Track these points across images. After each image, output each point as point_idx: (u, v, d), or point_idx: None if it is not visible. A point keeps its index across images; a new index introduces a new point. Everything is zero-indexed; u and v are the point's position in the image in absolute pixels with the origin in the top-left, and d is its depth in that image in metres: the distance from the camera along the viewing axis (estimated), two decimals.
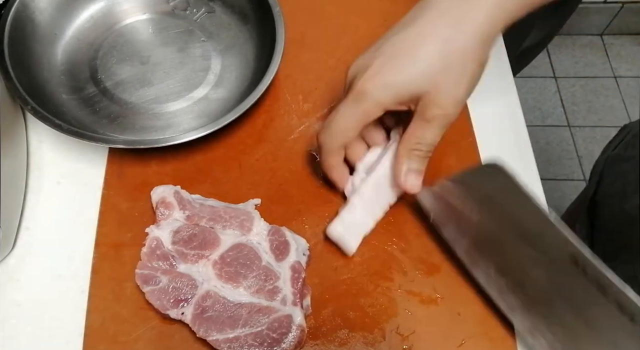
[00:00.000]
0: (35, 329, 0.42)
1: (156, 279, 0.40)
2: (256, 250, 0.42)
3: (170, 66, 0.53)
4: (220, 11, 0.56)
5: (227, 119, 0.45)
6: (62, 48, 0.52)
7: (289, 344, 0.38)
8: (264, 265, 0.41)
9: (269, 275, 0.41)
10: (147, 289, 0.40)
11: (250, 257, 0.42)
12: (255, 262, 0.41)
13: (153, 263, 0.41)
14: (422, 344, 0.41)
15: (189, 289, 0.40)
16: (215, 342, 0.38)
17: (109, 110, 0.50)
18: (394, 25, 0.42)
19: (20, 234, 0.46)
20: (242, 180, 0.48)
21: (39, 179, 0.48)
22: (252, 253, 0.42)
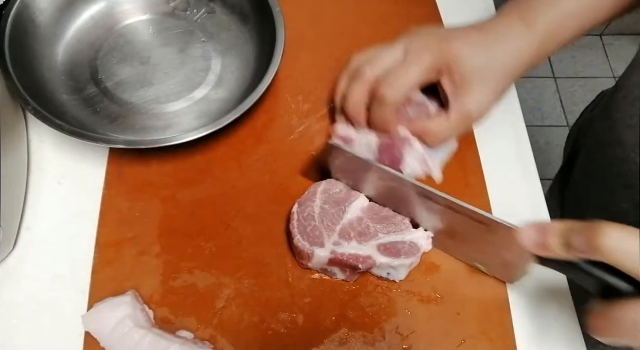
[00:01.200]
0: (35, 328, 0.42)
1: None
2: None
3: (170, 66, 0.53)
4: (220, 12, 0.56)
5: (227, 119, 0.45)
6: (62, 48, 0.52)
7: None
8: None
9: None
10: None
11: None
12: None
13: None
14: (422, 344, 0.41)
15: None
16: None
17: (109, 111, 0.50)
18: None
19: (21, 233, 0.46)
20: (242, 180, 0.48)
21: (40, 179, 0.48)
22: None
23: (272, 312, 0.42)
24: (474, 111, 0.43)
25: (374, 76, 0.43)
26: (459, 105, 0.43)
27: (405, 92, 0.43)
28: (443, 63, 0.42)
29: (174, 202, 0.47)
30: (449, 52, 0.42)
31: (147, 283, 0.43)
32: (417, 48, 0.43)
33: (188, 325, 0.42)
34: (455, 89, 0.43)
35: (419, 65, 0.42)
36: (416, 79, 0.43)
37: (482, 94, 0.43)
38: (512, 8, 0.45)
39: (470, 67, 0.42)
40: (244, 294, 0.43)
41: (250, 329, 0.42)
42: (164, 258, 0.44)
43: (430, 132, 0.44)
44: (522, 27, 0.43)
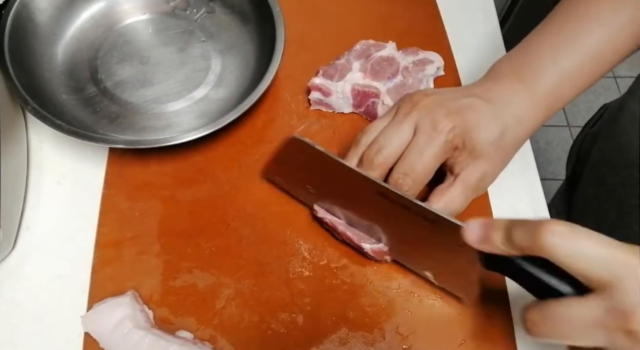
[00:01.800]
0: (35, 328, 0.42)
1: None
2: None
3: (170, 66, 0.53)
4: (220, 11, 0.56)
5: (227, 119, 0.45)
6: (62, 48, 0.52)
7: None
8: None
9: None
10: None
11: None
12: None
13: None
14: (422, 344, 0.41)
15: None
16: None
17: (109, 110, 0.50)
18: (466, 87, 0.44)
19: (21, 233, 0.46)
20: (242, 180, 0.48)
21: (39, 178, 0.48)
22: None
23: (272, 312, 0.42)
24: (480, 185, 0.42)
25: (386, 164, 0.41)
26: (465, 180, 0.41)
27: (425, 178, 0.41)
28: (458, 140, 0.40)
29: (173, 202, 0.47)
30: (463, 127, 0.40)
31: (147, 283, 0.43)
32: (427, 129, 0.40)
33: (188, 325, 0.42)
34: (461, 163, 0.41)
35: (434, 148, 0.40)
36: (433, 164, 0.40)
37: (490, 167, 0.41)
38: (512, 72, 0.43)
39: (485, 141, 0.40)
40: (244, 293, 0.43)
41: (250, 329, 0.42)
42: (163, 258, 0.44)
43: (441, 205, 0.41)
44: (524, 95, 0.42)
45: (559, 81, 0.42)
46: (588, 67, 0.42)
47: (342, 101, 0.51)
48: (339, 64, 0.51)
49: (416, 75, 0.51)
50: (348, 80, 0.50)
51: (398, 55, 0.51)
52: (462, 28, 0.58)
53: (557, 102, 0.43)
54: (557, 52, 0.42)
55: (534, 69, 0.42)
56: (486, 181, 0.42)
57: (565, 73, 0.42)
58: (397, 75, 0.51)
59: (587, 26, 0.42)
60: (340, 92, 0.50)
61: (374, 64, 0.50)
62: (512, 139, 0.42)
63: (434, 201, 0.41)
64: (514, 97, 0.42)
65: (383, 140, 0.41)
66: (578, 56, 0.42)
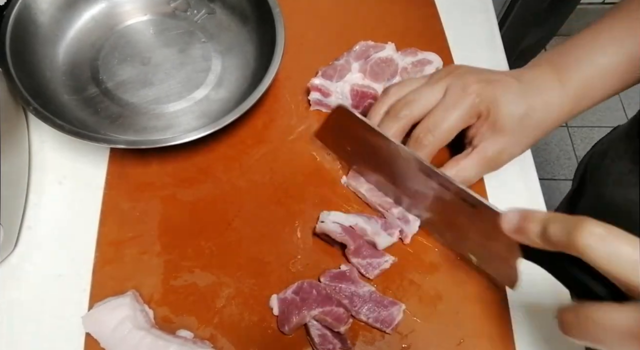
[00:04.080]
0: (36, 328, 0.42)
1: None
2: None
3: (171, 67, 0.53)
4: (220, 12, 0.56)
5: (227, 119, 0.45)
6: (63, 49, 0.52)
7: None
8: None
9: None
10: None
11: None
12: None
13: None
14: (421, 343, 0.42)
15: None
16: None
17: (110, 111, 0.50)
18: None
19: (22, 233, 0.46)
20: (243, 180, 0.48)
21: (41, 179, 0.48)
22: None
23: (272, 311, 0.42)
24: (497, 159, 0.43)
25: (412, 116, 0.42)
26: (483, 151, 0.42)
27: (446, 138, 0.42)
28: (483, 108, 0.42)
29: (174, 202, 0.47)
30: (490, 97, 0.41)
31: (147, 282, 0.43)
32: (457, 90, 0.42)
33: (188, 324, 0.42)
34: (483, 134, 0.42)
35: (460, 109, 0.41)
36: (457, 124, 0.42)
37: (510, 143, 0.42)
38: (548, 61, 0.45)
39: (508, 114, 0.41)
40: (244, 293, 0.43)
41: (251, 328, 0.42)
42: (164, 257, 0.45)
43: (457, 176, 0.43)
44: (556, 83, 0.43)
45: (591, 77, 0.43)
46: (622, 69, 0.43)
47: (341, 101, 0.51)
48: (338, 64, 0.51)
49: (415, 75, 0.51)
50: (347, 81, 0.50)
51: (397, 56, 0.52)
52: (460, 28, 0.58)
53: (586, 98, 0.43)
54: (595, 51, 0.43)
55: (569, 62, 0.43)
56: (503, 157, 0.43)
57: (598, 70, 0.43)
58: (396, 76, 0.51)
59: (628, 30, 0.43)
60: (339, 92, 0.50)
61: (373, 65, 0.51)
62: (536, 122, 0.42)
63: (447, 168, 0.43)
64: (545, 83, 0.43)
65: (413, 96, 0.43)
66: (614, 56, 0.43)
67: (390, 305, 0.42)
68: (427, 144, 0.42)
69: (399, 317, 0.41)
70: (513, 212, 0.34)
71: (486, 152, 0.42)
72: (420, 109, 0.42)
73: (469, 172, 0.43)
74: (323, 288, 0.42)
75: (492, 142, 0.42)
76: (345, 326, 0.41)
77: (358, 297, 0.42)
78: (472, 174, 0.43)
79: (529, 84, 0.43)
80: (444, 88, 0.42)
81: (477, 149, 0.43)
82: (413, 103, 0.42)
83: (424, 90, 0.43)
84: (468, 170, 0.43)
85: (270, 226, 0.46)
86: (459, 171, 0.43)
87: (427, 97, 0.42)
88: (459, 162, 0.43)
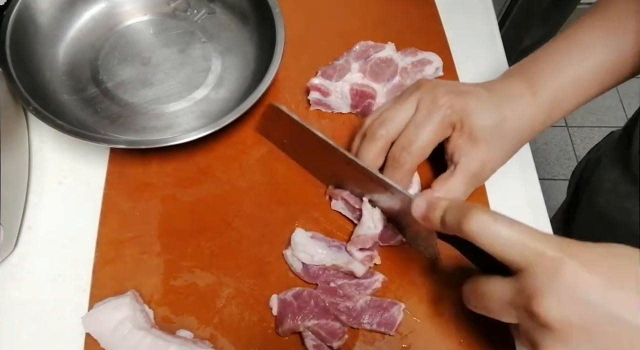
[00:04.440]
0: (36, 328, 0.42)
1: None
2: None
3: (171, 67, 0.53)
4: (220, 12, 0.56)
5: (227, 119, 0.45)
6: (63, 49, 0.52)
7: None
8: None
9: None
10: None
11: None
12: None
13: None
14: (421, 343, 0.42)
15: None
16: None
17: (110, 111, 0.50)
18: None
19: (22, 233, 0.46)
20: (242, 180, 0.48)
21: (41, 179, 0.48)
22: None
23: (272, 311, 0.42)
24: (480, 173, 0.43)
25: (388, 136, 0.43)
26: (466, 167, 0.42)
27: (422, 154, 0.42)
28: (455, 120, 0.42)
29: (174, 202, 0.47)
30: (462, 108, 0.41)
31: (147, 282, 0.43)
32: (427, 104, 0.42)
33: (188, 324, 0.42)
34: (462, 149, 0.42)
35: (433, 123, 0.41)
36: (431, 139, 0.42)
37: (490, 154, 0.42)
38: (519, 71, 0.44)
39: (482, 125, 0.41)
40: (244, 293, 0.43)
41: (251, 328, 0.42)
42: (164, 257, 0.45)
43: (442, 193, 0.42)
44: (528, 93, 0.43)
45: (563, 86, 0.43)
46: (593, 77, 0.43)
47: (340, 101, 0.51)
48: (338, 64, 0.51)
49: (415, 75, 0.51)
50: (347, 81, 0.50)
51: (397, 56, 0.52)
52: (460, 28, 0.58)
53: (559, 108, 0.44)
54: (565, 60, 0.43)
55: (541, 71, 0.43)
56: (486, 170, 0.43)
57: (570, 79, 0.43)
58: (396, 76, 0.51)
59: (598, 40, 0.43)
60: (339, 92, 0.50)
61: (373, 65, 0.51)
62: (512, 131, 0.42)
63: (436, 189, 0.42)
64: (516, 92, 0.43)
65: (386, 114, 0.43)
66: (585, 65, 0.43)
67: (390, 306, 0.42)
68: (403, 163, 0.42)
69: (400, 317, 0.41)
70: (421, 200, 0.36)
71: (469, 167, 0.42)
72: (395, 127, 0.42)
73: (457, 191, 0.42)
74: (322, 300, 0.41)
75: (472, 157, 0.42)
76: (339, 342, 0.40)
77: (355, 311, 0.42)
78: (461, 192, 0.43)
79: (500, 94, 0.43)
80: (415, 103, 0.42)
81: (459, 165, 0.42)
82: (387, 122, 0.43)
83: (396, 107, 0.43)
84: (456, 189, 0.42)
85: (270, 226, 0.46)
86: (447, 192, 0.42)
87: (399, 115, 0.42)
88: (447, 181, 0.42)
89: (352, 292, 0.42)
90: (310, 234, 0.44)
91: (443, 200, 0.35)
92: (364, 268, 0.42)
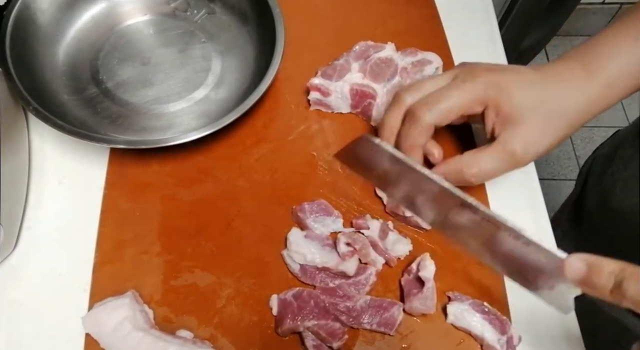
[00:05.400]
0: (36, 327, 0.42)
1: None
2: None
3: (171, 67, 0.53)
4: (220, 12, 0.56)
5: (227, 119, 0.45)
6: (63, 49, 0.52)
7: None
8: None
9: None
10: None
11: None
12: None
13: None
14: (421, 343, 0.42)
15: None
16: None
17: (110, 111, 0.50)
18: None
19: (22, 233, 0.46)
20: (242, 180, 0.48)
21: (41, 179, 0.48)
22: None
23: (272, 311, 0.42)
24: (519, 152, 0.39)
25: (412, 100, 0.41)
26: (503, 142, 0.39)
27: (442, 115, 0.40)
28: (490, 95, 0.39)
29: (174, 202, 0.47)
30: (498, 84, 0.39)
31: (148, 282, 0.43)
32: (463, 76, 0.40)
33: (188, 324, 0.42)
34: (502, 125, 0.40)
35: (463, 91, 0.40)
36: (456, 104, 0.40)
37: (532, 134, 0.39)
38: (575, 54, 0.42)
39: (521, 103, 0.39)
40: (244, 293, 0.43)
41: (251, 328, 0.42)
42: (164, 257, 0.45)
43: (471, 168, 0.40)
44: (583, 74, 0.40)
45: (622, 68, 0.40)
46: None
47: (340, 101, 0.51)
48: (338, 64, 0.51)
49: (414, 75, 0.51)
50: (347, 81, 0.50)
51: (397, 56, 0.52)
52: (460, 29, 0.58)
53: (616, 89, 0.41)
54: (623, 44, 0.41)
55: (598, 54, 0.41)
56: (528, 151, 0.39)
57: (630, 61, 0.40)
58: (396, 76, 0.51)
59: None
60: (339, 92, 0.50)
61: (373, 65, 0.51)
62: (560, 112, 0.40)
63: (465, 157, 0.40)
64: (571, 74, 0.41)
65: (417, 84, 0.42)
66: (636, 56, 0.41)
67: (390, 306, 0.42)
68: (420, 117, 0.39)
69: (400, 316, 0.41)
70: (577, 259, 0.30)
71: (506, 144, 0.39)
72: (423, 92, 0.41)
73: (484, 163, 0.40)
74: (322, 300, 0.41)
75: (512, 134, 0.39)
76: (339, 342, 0.40)
77: (355, 311, 0.42)
78: (490, 166, 0.40)
79: (548, 74, 0.41)
80: (451, 77, 0.41)
81: (497, 140, 0.40)
82: (415, 88, 0.41)
83: (430, 79, 0.42)
84: (483, 161, 0.40)
85: (270, 226, 0.46)
86: (474, 160, 0.40)
87: (430, 84, 0.41)
88: (477, 153, 0.40)
89: (351, 292, 0.42)
90: (305, 233, 0.44)
91: (610, 263, 0.28)
92: (354, 267, 0.42)
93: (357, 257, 0.43)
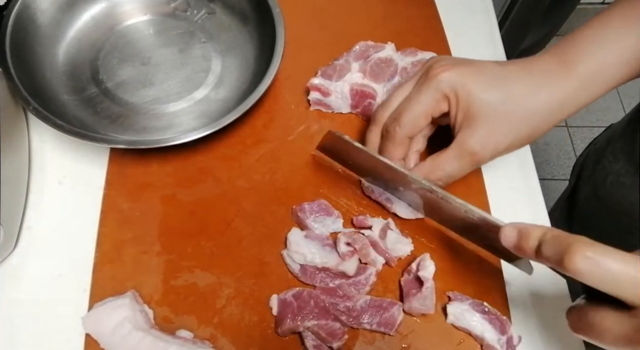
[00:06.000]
0: (36, 328, 0.42)
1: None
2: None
3: (171, 67, 0.53)
4: (220, 12, 0.56)
5: (227, 119, 0.45)
6: (63, 49, 0.52)
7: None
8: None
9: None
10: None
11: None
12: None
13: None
14: (421, 343, 0.42)
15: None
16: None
17: (110, 111, 0.50)
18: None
19: (22, 233, 0.46)
20: (242, 180, 0.48)
21: (41, 179, 0.48)
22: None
23: (272, 311, 0.42)
24: (478, 150, 0.39)
25: (385, 117, 0.42)
26: (461, 142, 0.39)
27: (410, 127, 0.41)
28: (449, 89, 0.39)
29: (174, 202, 0.47)
30: (455, 80, 0.38)
31: (148, 282, 0.43)
32: (422, 79, 0.40)
33: (188, 324, 0.42)
34: (461, 124, 0.39)
35: (422, 94, 0.40)
36: (420, 111, 0.40)
37: (490, 133, 0.39)
38: (554, 49, 0.41)
39: (480, 100, 0.38)
40: (244, 293, 0.43)
41: (251, 328, 0.42)
42: (164, 257, 0.45)
43: (434, 173, 0.41)
44: (560, 68, 0.39)
45: (603, 62, 0.39)
46: (625, 63, 0.40)
47: (340, 101, 0.51)
48: (338, 64, 0.51)
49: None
50: (347, 81, 0.50)
51: (397, 56, 0.52)
52: (460, 29, 0.58)
53: (596, 83, 0.39)
54: (602, 40, 0.40)
55: (577, 47, 0.40)
56: (487, 148, 0.39)
57: (612, 55, 0.39)
58: (396, 76, 0.51)
59: (631, 25, 0.40)
60: (339, 92, 0.50)
61: (373, 65, 0.51)
62: (523, 107, 0.38)
63: (426, 163, 0.41)
64: (545, 69, 0.39)
65: (390, 99, 0.43)
66: (625, 44, 0.39)
67: (390, 306, 0.42)
68: (393, 133, 0.41)
69: (400, 316, 0.41)
70: (511, 228, 0.33)
71: (464, 143, 0.39)
72: (392, 107, 0.42)
73: (447, 167, 0.40)
74: (322, 300, 0.41)
75: (470, 132, 0.39)
76: (339, 342, 0.40)
77: (355, 311, 0.42)
78: (452, 169, 0.40)
79: (514, 70, 0.39)
80: (415, 81, 0.42)
81: (455, 140, 0.39)
82: (386, 104, 0.43)
83: (398, 90, 0.43)
84: (446, 165, 0.40)
85: (270, 226, 0.46)
86: (436, 165, 0.40)
87: (398, 96, 0.42)
88: (437, 156, 0.40)
89: (351, 292, 0.42)
90: (305, 233, 0.44)
91: (536, 229, 0.31)
92: (354, 267, 0.42)
93: (357, 257, 0.43)
